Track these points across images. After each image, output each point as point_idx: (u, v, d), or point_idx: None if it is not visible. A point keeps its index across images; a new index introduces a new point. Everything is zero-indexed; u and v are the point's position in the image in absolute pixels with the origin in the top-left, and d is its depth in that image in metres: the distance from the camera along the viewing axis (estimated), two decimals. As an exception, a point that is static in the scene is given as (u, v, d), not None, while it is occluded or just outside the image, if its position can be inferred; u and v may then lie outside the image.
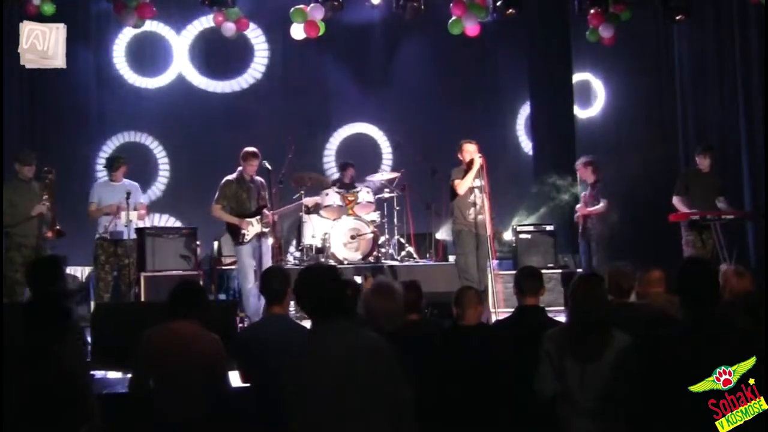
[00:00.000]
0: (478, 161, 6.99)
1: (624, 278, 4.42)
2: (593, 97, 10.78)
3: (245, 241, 7.21)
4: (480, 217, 7.03)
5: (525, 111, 10.96)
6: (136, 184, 7.79)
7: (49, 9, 8.35)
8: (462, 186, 7.01)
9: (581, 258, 8.56)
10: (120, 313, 6.21)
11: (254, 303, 6.99)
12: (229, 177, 7.35)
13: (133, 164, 8.17)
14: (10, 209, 6.92)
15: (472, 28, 9.27)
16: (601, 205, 8.22)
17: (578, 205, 8.55)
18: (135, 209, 7.39)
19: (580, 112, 10.58)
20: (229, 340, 4.26)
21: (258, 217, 7.29)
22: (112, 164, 7.68)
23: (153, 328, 3.96)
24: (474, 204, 7.04)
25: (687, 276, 3.33)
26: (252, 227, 7.24)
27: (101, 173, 9.13)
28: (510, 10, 9.08)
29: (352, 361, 2.96)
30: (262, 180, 7.51)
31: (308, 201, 8.17)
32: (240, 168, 7.33)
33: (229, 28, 9.34)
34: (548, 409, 3.61)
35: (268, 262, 7.26)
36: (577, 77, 10.44)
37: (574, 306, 3.67)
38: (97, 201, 7.44)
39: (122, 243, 7.38)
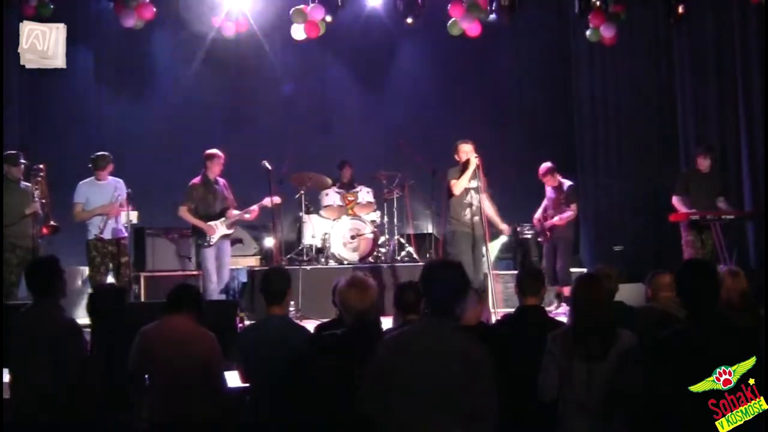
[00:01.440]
0: (475, 161, 6.95)
1: (608, 280, 4.44)
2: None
3: (211, 243, 7.35)
4: (476, 218, 6.99)
5: (524, 112, 10.94)
6: (120, 179, 7.32)
7: (45, 12, 8.34)
8: (458, 186, 6.97)
9: (544, 259, 8.49)
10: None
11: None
12: (195, 180, 7.46)
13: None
14: (4, 210, 6.79)
15: (472, 29, 9.27)
16: (570, 211, 8.19)
17: (541, 217, 8.43)
18: (121, 205, 7.13)
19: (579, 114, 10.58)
20: (230, 340, 4.26)
21: (222, 219, 7.41)
22: (98, 162, 7.15)
23: (147, 325, 3.98)
24: (470, 204, 7.01)
25: (687, 276, 3.33)
26: (218, 230, 7.38)
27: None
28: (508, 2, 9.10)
29: (458, 362, 2.98)
30: (225, 181, 7.62)
31: (267, 202, 7.92)
32: (204, 170, 7.42)
33: (229, 28, 9.34)
34: (548, 409, 3.61)
35: (228, 262, 7.50)
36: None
37: (575, 307, 3.68)
38: (84, 201, 7.06)
39: (117, 241, 7.11)
